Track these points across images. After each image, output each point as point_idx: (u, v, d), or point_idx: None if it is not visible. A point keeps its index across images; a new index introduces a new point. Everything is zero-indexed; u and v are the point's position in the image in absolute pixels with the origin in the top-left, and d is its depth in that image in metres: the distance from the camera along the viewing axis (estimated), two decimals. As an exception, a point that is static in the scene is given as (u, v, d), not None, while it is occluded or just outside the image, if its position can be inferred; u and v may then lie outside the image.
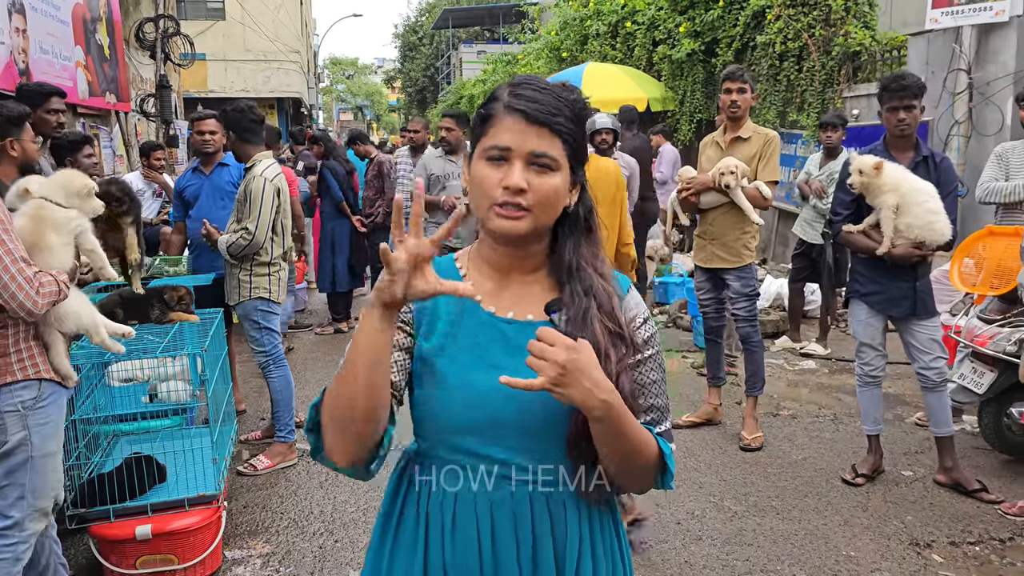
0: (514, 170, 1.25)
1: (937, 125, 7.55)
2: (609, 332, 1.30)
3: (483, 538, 1.31)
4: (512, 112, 1.27)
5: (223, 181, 4.87)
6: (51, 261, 2.53)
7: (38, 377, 2.51)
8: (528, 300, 1.35)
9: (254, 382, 5.74)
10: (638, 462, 1.29)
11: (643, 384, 1.35)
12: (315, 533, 3.63)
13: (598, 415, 1.19)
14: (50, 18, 7.64)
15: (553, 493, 1.32)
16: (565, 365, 1.14)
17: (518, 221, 1.26)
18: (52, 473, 2.60)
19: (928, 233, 3.73)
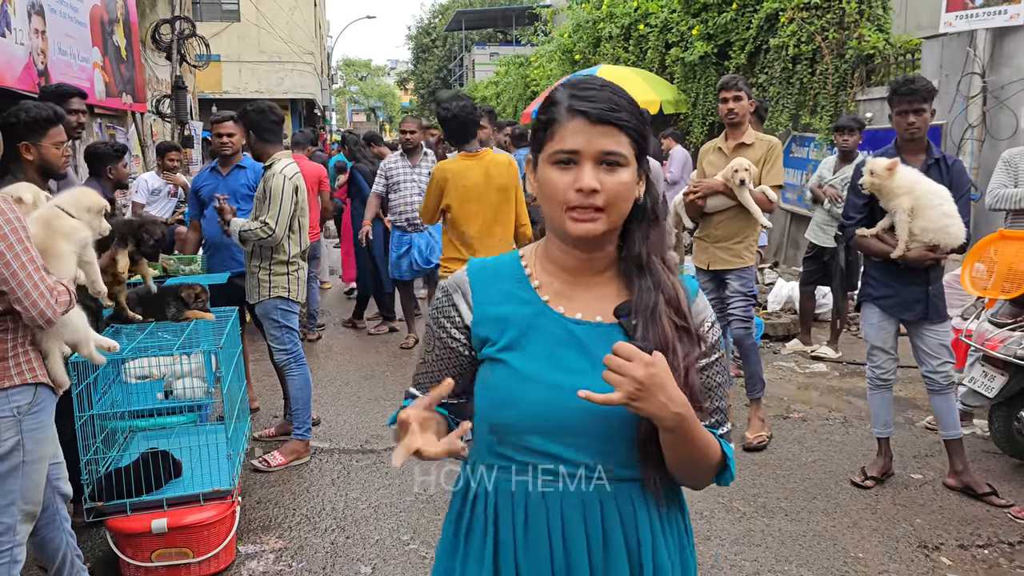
0: (584, 171, 1.25)
1: (951, 129, 7.53)
2: (676, 327, 1.31)
3: (554, 536, 1.32)
4: (575, 114, 1.27)
5: (239, 183, 4.92)
6: (60, 269, 2.55)
7: (35, 382, 2.50)
8: (597, 301, 1.35)
9: (267, 380, 5.80)
10: (702, 464, 1.32)
11: (709, 387, 1.36)
12: (327, 529, 3.67)
13: (670, 426, 1.22)
14: (68, 20, 7.73)
15: (622, 491, 1.33)
16: (643, 381, 1.16)
17: (593, 223, 1.26)
18: (41, 477, 2.58)
19: (942, 236, 3.74)
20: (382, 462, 4.45)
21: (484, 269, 1.42)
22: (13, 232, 2.31)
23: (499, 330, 1.35)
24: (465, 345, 1.39)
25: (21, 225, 2.36)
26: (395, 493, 4.03)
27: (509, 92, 20.27)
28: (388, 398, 5.62)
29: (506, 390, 1.32)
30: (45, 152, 3.10)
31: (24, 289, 2.32)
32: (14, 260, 2.30)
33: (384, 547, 3.50)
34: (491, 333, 1.36)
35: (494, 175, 4.32)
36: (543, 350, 1.32)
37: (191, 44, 11.66)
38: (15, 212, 2.36)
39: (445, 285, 1.43)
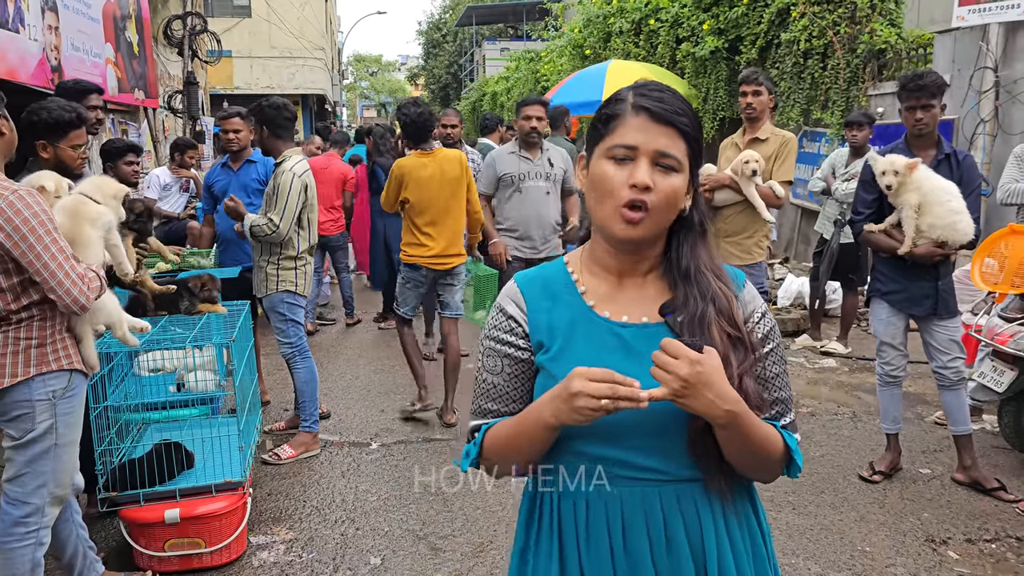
0: (640, 168, 1.25)
1: (963, 124, 7.49)
2: (729, 337, 1.29)
3: (615, 540, 1.32)
4: (639, 111, 1.28)
5: (250, 178, 4.97)
6: (89, 255, 2.63)
7: (70, 368, 2.58)
8: (642, 302, 1.35)
9: (279, 374, 5.84)
10: (764, 459, 1.30)
11: (766, 379, 1.35)
12: (337, 521, 3.71)
13: (722, 423, 1.22)
14: (81, 16, 7.79)
15: (682, 489, 1.32)
16: (687, 379, 1.17)
17: (637, 226, 1.27)
18: (72, 460, 2.66)
19: (951, 233, 3.73)
20: (391, 455, 4.49)
21: (532, 279, 1.43)
22: (41, 224, 2.38)
23: (550, 337, 1.36)
24: (529, 352, 1.39)
25: (48, 216, 2.42)
26: (404, 485, 4.07)
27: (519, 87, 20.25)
28: (398, 392, 5.65)
29: None
30: (62, 153, 3.13)
31: (56, 279, 2.40)
32: (44, 252, 2.38)
33: (393, 538, 3.53)
34: (544, 339, 1.37)
35: (447, 170, 4.83)
36: (589, 356, 1.31)
37: (203, 40, 11.72)
38: (40, 204, 2.41)
39: (497, 302, 1.43)
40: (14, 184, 2.43)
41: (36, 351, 2.50)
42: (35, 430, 2.51)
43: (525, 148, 5.20)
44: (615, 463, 1.31)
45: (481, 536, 3.54)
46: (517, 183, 5.19)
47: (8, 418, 2.51)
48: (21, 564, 2.55)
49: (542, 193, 5.25)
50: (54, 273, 2.39)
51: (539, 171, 5.17)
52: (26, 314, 2.48)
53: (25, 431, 2.51)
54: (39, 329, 2.51)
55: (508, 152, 5.29)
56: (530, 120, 5.10)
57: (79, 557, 2.89)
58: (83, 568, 2.90)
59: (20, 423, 2.51)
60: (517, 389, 1.40)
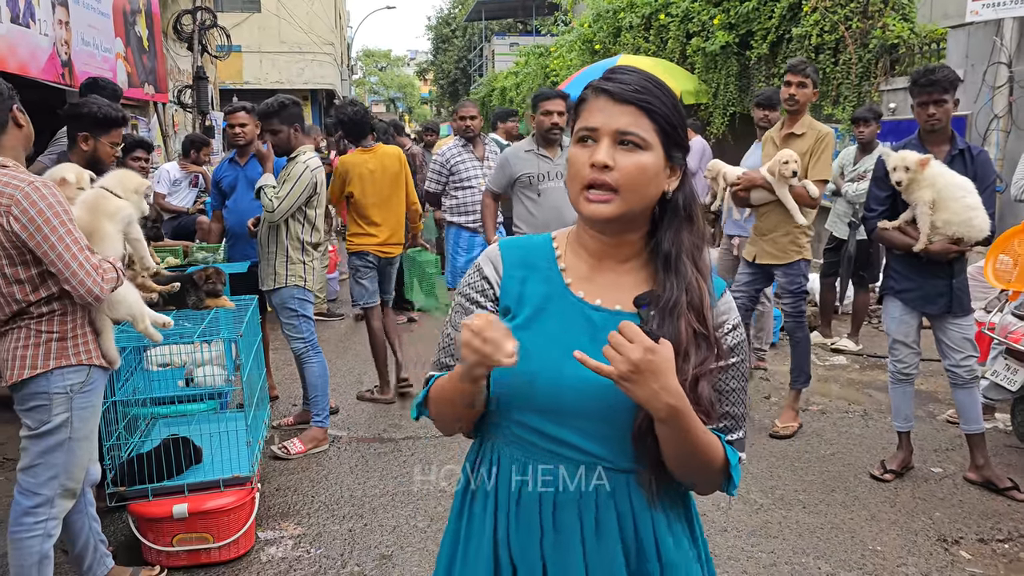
0: (600, 147, 1.27)
1: (976, 119, 7.43)
2: (694, 332, 1.29)
3: (544, 509, 1.33)
4: (599, 93, 1.30)
5: (257, 173, 4.95)
6: (106, 248, 2.65)
7: (89, 363, 2.61)
8: (619, 289, 1.35)
9: (287, 369, 5.84)
10: (701, 466, 1.29)
11: (721, 391, 1.34)
12: (345, 516, 3.71)
13: (662, 417, 1.21)
14: (92, 10, 7.80)
15: (618, 479, 1.32)
16: (638, 364, 1.16)
17: (605, 205, 1.27)
18: (86, 455, 2.69)
19: (966, 229, 3.68)
20: (399, 450, 4.48)
21: (516, 247, 1.44)
22: (56, 216, 2.42)
23: (518, 305, 1.37)
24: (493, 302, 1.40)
25: (63, 208, 2.46)
26: (412, 481, 4.06)
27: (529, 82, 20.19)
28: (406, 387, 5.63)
29: (513, 369, 1.28)
30: (101, 148, 3.29)
31: (71, 269, 2.43)
32: (58, 242, 2.41)
33: (401, 534, 3.53)
34: (512, 305, 1.37)
35: (387, 165, 5.16)
36: (555, 330, 1.33)
37: (212, 35, 11.75)
38: (56, 196, 2.45)
39: (476, 261, 1.44)
40: (31, 176, 2.46)
41: (56, 344, 2.54)
42: (50, 422, 2.55)
43: (544, 146, 4.79)
44: (555, 440, 1.32)
45: (489, 533, 3.52)
46: (535, 184, 4.77)
47: (26, 408, 2.56)
48: (29, 555, 2.57)
49: (562, 195, 4.66)
50: (68, 264, 2.42)
51: (559, 171, 4.75)
52: (47, 308, 2.52)
53: (41, 422, 2.55)
54: (60, 323, 2.55)
55: (524, 150, 4.85)
56: (550, 116, 4.71)
57: (89, 550, 2.89)
58: (92, 562, 2.91)
59: (36, 414, 2.55)
60: None
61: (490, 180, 5.11)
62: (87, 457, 2.71)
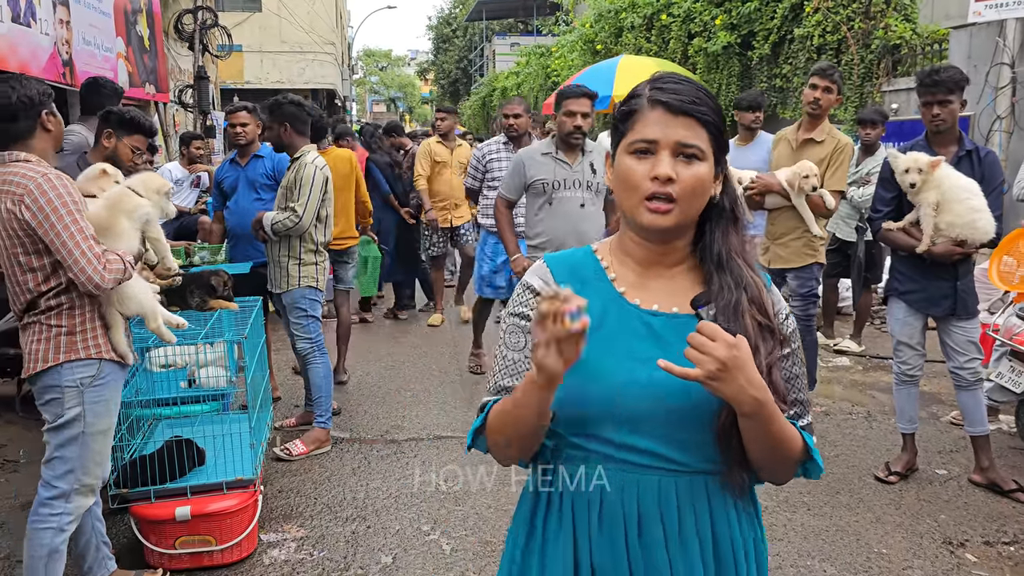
0: (661, 160, 1.26)
1: (979, 120, 7.42)
2: (759, 325, 1.30)
3: (629, 525, 1.32)
4: (655, 104, 1.29)
5: (258, 173, 4.97)
6: (120, 243, 2.69)
7: (99, 357, 2.66)
8: (672, 292, 1.35)
9: (289, 371, 5.83)
10: (784, 455, 1.30)
11: (787, 379, 1.35)
12: (348, 519, 3.69)
13: (748, 411, 1.21)
14: (93, 10, 7.79)
15: (697, 481, 1.32)
16: (725, 361, 1.16)
17: (665, 216, 1.27)
18: (102, 451, 2.73)
19: (970, 231, 3.67)
20: (402, 452, 4.47)
21: (562, 260, 1.43)
22: (63, 205, 2.50)
23: None
24: None
25: (73, 199, 2.54)
26: (415, 483, 4.05)
27: (530, 83, 20.21)
28: (408, 388, 5.63)
29: (581, 380, 1.29)
30: (122, 148, 3.42)
31: (73, 256, 2.49)
32: (63, 230, 2.49)
33: (405, 537, 3.51)
34: None
35: (338, 166, 5.30)
36: (618, 340, 1.32)
37: (213, 34, 11.73)
38: (67, 187, 2.54)
39: (525, 279, 1.41)
40: (47, 168, 2.58)
41: (66, 339, 2.61)
42: (64, 416, 2.61)
43: (563, 150, 4.32)
44: (631, 449, 1.31)
45: (493, 535, 3.51)
46: (549, 192, 4.32)
47: (42, 402, 2.64)
48: (40, 547, 2.63)
49: (576, 205, 4.33)
50: (71, 251, 2.49)
51: (577, 178, 4.30)
52: (55, 301, 2.59)
53: (56, 416, 2.62)
54: (68, 317, 2.61)
55: (541, 153, 4.40)
56: (574, 117, 4.23)
57: (91, 549, 2.90)
58: (93, 563, 2.90)
59: (51, 407, 2.63)
60: None
61: (503, 185, 4.63)
62: (104, 453, 2.75)
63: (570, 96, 4.28)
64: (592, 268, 1.39)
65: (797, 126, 4.61)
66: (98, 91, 4.22)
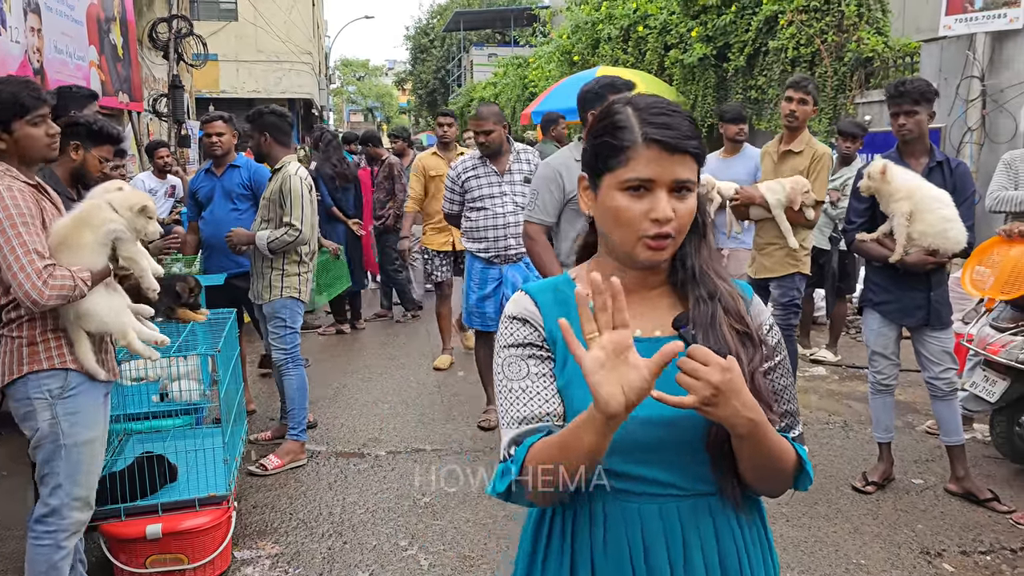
0: (660, 201, 1.24)
1: (950, 132, 7.53)
2: (738, 333, 1.29)
3: (635, 554, 1.29)
4: (650, 143, 1.25)
5: (233, 183, 4.92)
6: (77, 259, 2.55)
7: (64, 367, 2.58)
8: (653, 316, 1.34)
9: (264, 382, 5.76)
10: (777, 470, 1.29)
11: (776, 390, 1.34)
12: (324, 534, 3.64)
13: (743, 433, 1.19)
14: (65, 18, 7.69)
15: (699, 503, 1.31)
16: (719, 386, 1.14)
17: (663, 252, 1.27)
18: (89, 463, 2.66)
19: (942, 241, 3.71)
20: (380, 466, 4.42)
21: (544, 289, 1.39)
22: (8, 217, 2.43)
23: (563, 351, 1.31)
24: (550, 353, 1.33)
25: (20, 211, 2.45)
26: (393, 498, 4.00)
27: (507, 93, 20.25)
28: (386, 400, 5.58)
29: (572, 413, 1.26)
30: (89, 160, 3.30)
31: (12, 270, 2.42)
32: (5, 243, 2.41)
33: (382, 553, 3.47)
34: (558, 352, 1.33)
35: None
36: None
37: (188, 43, 11.63)
38: (16, 199, 2.45)
39: (508, 312, 1.37)
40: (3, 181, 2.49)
41: (28, 350, 2.55)
42: (40, 429, 2.56)
43: None
44: (632, 479, 1.29)
45: (471, 550, 3.47)
46: None
47: (19, 417, 2.60)
48: (38, 563, 2.61)
49: None
50: (10, 264, 2.41)
51: None
52: (15, 314, 2.53)
53: (32, 429, 2.57)
54: (29, 328, 2.55)
55: (576, 160, 3.59)
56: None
57: None
58: None
59: (27, 422, 2.58)
60: (548, 388, 1.30)
61: (533, 207, 3.73)
62: (93, 464, 2.68)
63: (616, 89, 3.54)
64: (568, 293, 1.35)
65: (778, 140, 4.66)
66: (71, 97, 4.11)
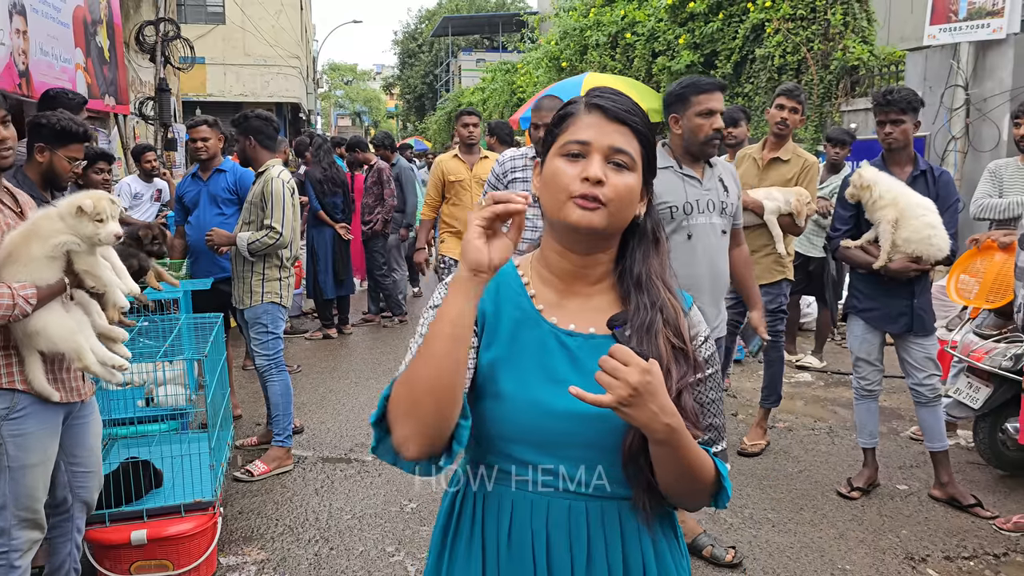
0: (593, 162, 1.25)
1: (934, 140, 7.60)
2: (673, 348, 1.28)
3: (537, 546, 1.30)
4: (592, 109, 1.29)
5: (219, 187, 4.91)
6: (22, 274, 2.38)
7: (11, 388, 2.45)
8: (591, 312, 1.33)
9: (251, 387, 5.73)
10: (694, 483, 1.28)
11: (702, 403, 1.34)
12: (310, 540, 3.62)
13: (660, 438, 1.19)
14: (51, 20, 7.64)
15: (608, 506, 1.31)
16: (637, 387, 1.13)
17: (594, 212, 1.24)
18: (34, 485, 2.54)
19: (925, 248, 3.74)
20: (367, 471, 4.40)
21: None
22: None
23: (496, 335, 1.33)
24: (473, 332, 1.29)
25: None
26: (380, 503, 3.99)
27: (495, 98, 20.28)
28: (373, 405, 5.51)
29: (495, 401, 1.29)
30: (57, 162, 3.14)
31: None
32: None
33: (369, 559, 3.45)
34: (490, 334, 1.33)
35: None
36: (532, 359, 1.30)
37: (175, 46, 11.58)
38: None
39: (444, 282, 1.37)
40: None
41: None
42: None
43: (688, 162, 3.30)
44: (545, 472, 1.29)
45: (458, 555, 3.46)
46: (682, 220, 3.24)
47: None
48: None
49: (717, 234, 3.31)
50: None
51: (711, 199, 3.30)
52: None
53: None
54: None
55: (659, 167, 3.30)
56: (711, 117, 3.19)
57: (63, 572, 2.84)
58: None
59: None
60: None
61: None
62: (38, 487, 2.56)
63: (704, 89, 3.20)
64: (513, 284, 1.37)
65: (762, 145, 4.68)
66: (56, 103, 4.08)
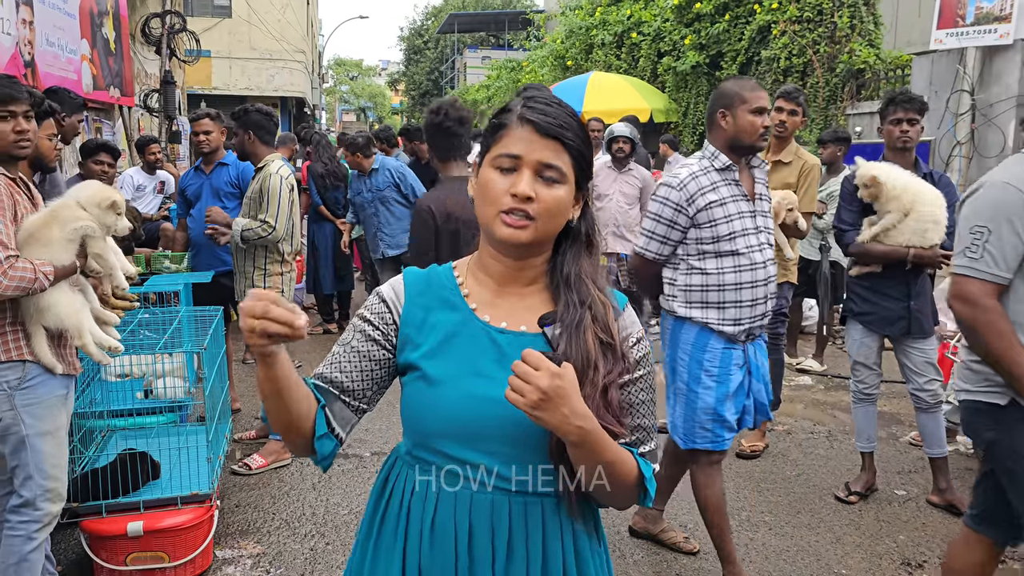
0: (522, 178, 1.28)
1: (939, 145, 7.58)
2: (601, 343, 1.32)
3: (460, 538, 1.33)
4: (524, 123, 1.30)
5: (222, 181, 4.92)
6: (43, 253, 2.56)
7: (22, 359, 2.56)
8: (523, 311, 1.37)
9: (250, 380, 5.74)
10: (615, 483, 1.31)
11: (631, 404, 1.37)
12: (307, 535, 3.62)
13: (574, 441, 1.22)
14: (57, 11, 7.64)
15: (532, 502, 1.34)
16: (546, 391, 1.16)
17: (522, 231, 1.29)
18: (55, 453, 2.65)
19: (919, 239, 3.74)
20: (364, 466, 4.40)
21: (419, 277, 1.45)
22: None
23: (423, 334, 1.37)
24: (388, 340, 1.39)
25: None
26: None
27: (500, 96, 20.27)
28: (372, 402, 5.56)
29: (423, 394, 1.33)
30: (41, 143, 3.16)
31: None
32: None
33: (364, 554, 3.45)
34: (415, 336, 1.37)
35: None
36: (464, 357, 1.34)
37: (181, 39, 11.57)
38: None
39: (378, 290, 1.44)
40: None
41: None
42: (3, 420, 2.54)
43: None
44: (471, 466, 1.32)
45: (454, 553, 3.46)
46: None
47: None
48: (9, 554, 2.60)
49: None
50: None
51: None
52: None
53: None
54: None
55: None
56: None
57: None
58: None
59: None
60: (351, 362, 1.39)
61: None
62: (59, 455, 2.67)
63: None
64: (448, 285, 1.41)
65: (765, 149, 4.66)
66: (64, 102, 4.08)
